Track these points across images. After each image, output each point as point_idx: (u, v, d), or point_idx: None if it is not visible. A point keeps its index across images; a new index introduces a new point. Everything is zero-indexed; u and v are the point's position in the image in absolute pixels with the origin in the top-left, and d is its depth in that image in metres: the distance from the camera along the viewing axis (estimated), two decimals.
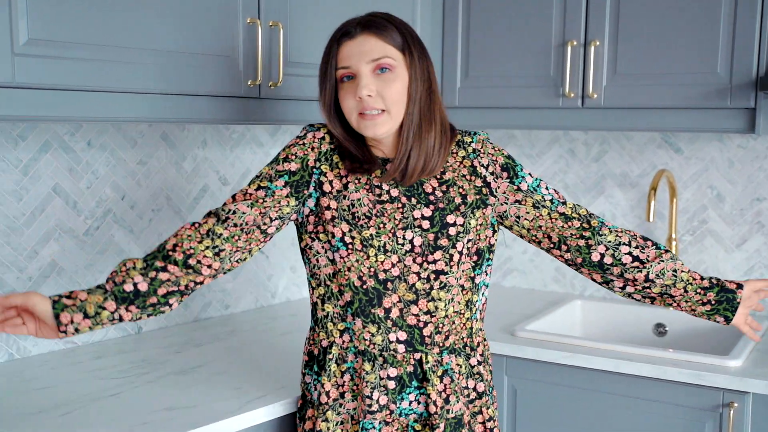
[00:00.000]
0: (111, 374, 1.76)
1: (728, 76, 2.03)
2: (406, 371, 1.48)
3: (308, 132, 1.50)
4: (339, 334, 1.50)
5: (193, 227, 1.42)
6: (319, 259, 1.49)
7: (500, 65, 2.34)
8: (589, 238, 1.52)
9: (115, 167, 2.00)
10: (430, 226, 1.46)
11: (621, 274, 1.53)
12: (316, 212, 1.47)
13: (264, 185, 1.45)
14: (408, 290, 1.46)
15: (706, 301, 1.53)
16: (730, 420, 1.81)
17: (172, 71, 1.64)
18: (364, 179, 1.46)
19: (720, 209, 2.40)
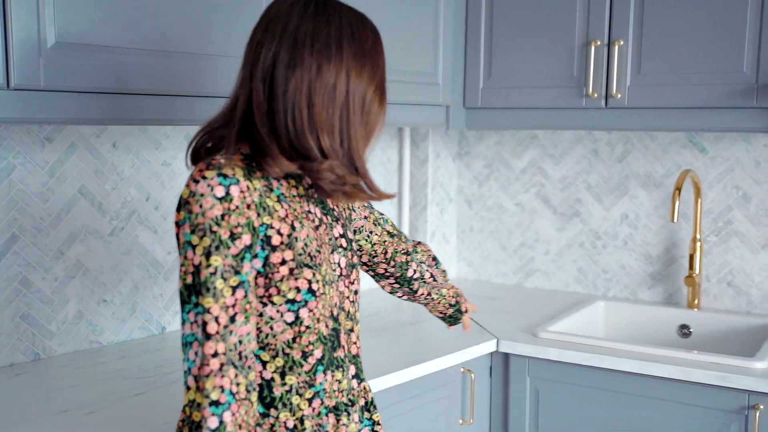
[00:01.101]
0: (135, 374, 1.78)
1: (754, 76, 2.00)
2: (360, 406, 1.36)
3: (228, 188, 1.14)
4: (308, 404, 1.26)
5: (237, 404, 1.13)
6: (273, 326, 1.22)
7: (523, 66, 2.34)
8: (407, 254, 1.70)
9: (139, 168, 2.02)
10: (347, 245, 1.34)
11: (417, 288, 1.73)
12: (264, 273, 1.19)
13: (235, 283, 1.14)
14: (347, 318, 1.32)
15: (446, 313, 1.84)
16: (756, 422, 1.79)
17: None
18: (298, 208, 1.25)
19: (746, 209, 2.38)
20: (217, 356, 1.11)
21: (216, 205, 1.12)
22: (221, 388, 1.11)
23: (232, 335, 1.13)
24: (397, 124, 2.24)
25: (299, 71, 1.18)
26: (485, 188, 2.83)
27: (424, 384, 1.94)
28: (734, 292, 2.41)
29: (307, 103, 1.19)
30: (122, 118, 1.57)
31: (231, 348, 1.13)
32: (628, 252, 2.57)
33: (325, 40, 1.19)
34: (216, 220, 1.12)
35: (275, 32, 1.20)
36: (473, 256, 2.88)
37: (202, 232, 1.12)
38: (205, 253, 1.12)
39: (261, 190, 1.19)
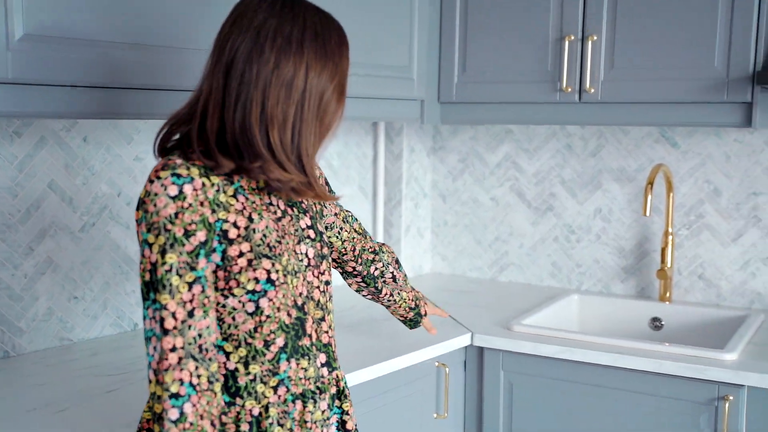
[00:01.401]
0: (107, 371, 1.76)
1: (725, 71, 2.02)
2: (330, 394, 1.37)
3: (181, 187, 1.17)
4: (273, 392, 1.28)
5: (198, 395, 1.17)
6: (235, 317, 1.24)
7: (497, 60, 2.34)
8: (375, 254, 1.77)
9: (111, 163, 2.00)
10: (315, 236, 1.36)
11: (380, 287, 1.79)
12: (224, 266, 1.22)
13: (191, 279, 1.17)
14: (316, 308, 1.35)
15: (407, 316, 1.90)
16: (726, 413, 1.81)
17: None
18: (257, 200, 1.27)
19: (717, 203, 2.40)
20: (175, 350, 1.15)
21: (169, 204, 1.16)
22: (180, 381, 1.15)
23: (191, 329, 1.17)
24: (372, 119, 2.24)
25: (257, 65, 1.21)
26: (460, 183, 2.83)
27: (399, 378, 1.94)
28: (705, 285, 2.44)
29: (261, 96, 1.21)
30: (93, 112, 1.54)
31: (191, 342, 1.17)
32: (602, 246, 2.59)
33: (288, 36, 1.22)
34: (170, 218, 1.16)
35: (241, 26, 1.23)
36: (448, 250, 2.89)
37: (157, 231, 1.16)
38: (160, 251, 1.16)
39: (219, 185, 1.22)
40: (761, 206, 2.34)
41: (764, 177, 2.33)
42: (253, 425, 1.27)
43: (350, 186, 2.71)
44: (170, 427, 1.14)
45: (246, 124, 1.21)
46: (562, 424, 2.04)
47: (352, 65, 2.09)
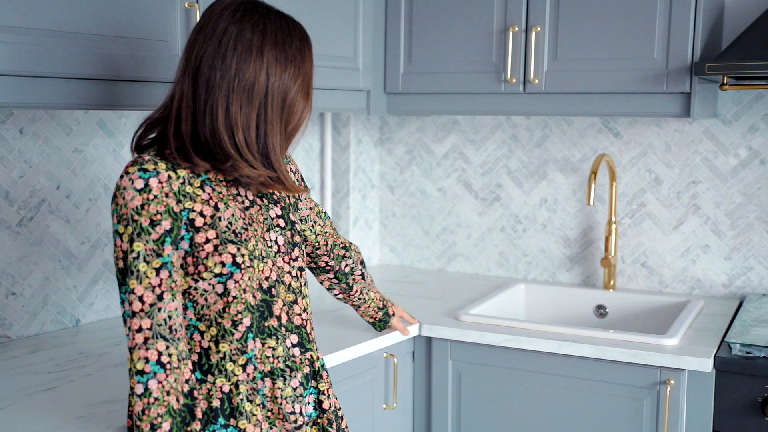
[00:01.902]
0: (47, 368, 1.72)
1: (664, 62, 2.06)
2: (303, 374, 1.45)
3: (147, 180, 1.28)
4: (242, 370, 1.38)
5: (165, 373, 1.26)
6: (207, 298, 1.35)
7: (443, 51, 2.35)
8: (346, 250, 1.84)
9: (49, 156, 1.95)
10: (285, 224, 1.46)
11: (351, 284, 1.87)
12: (191, 252, 1.32)
13: (158, 265, 1.27)
14: (288, 291, 1.44)
15: (376, 317, 1.97)
16: (667, 396, 1.85)
17: (102, 56, 1.60)
18: (224, 191, 1.37)
19: (658, 192, 2.45)
20: (141, 331, 1.26)
21: (136, 196, 1.27)
22: (145, 359, 1.26)
23: (161, 311, 1.28)
24: (318, 110, 2.22)
25: (220, 71, 1.31)
26: (407, 174, 2.84)
27: (348, 369, 1.94)
28: (648, 273, 2.49)
29: (225, 101, 1.31)
30: (34, 103, 1.50)
31: (161, 323, 1.27)
32: (548, 235, 2.62)
33: (248, 43, 1.32)
34: (136, 209, 1.27)
35: (206, 33, 1.33)
36: (396, 241, 2.89)
37: (126, 221, 1.27)
38: (129, 239, 1.27)
39: (185, 178, 1.32)
40: (700, 195, 2.40)
41: (703, 166, 2.38)
42: (224, 401, 1.36)
43: None
44: (136, 400, 1.25)
45: (214, 127, 1.32)
46: (510, 412, 2.06)
47: None
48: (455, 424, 2.13)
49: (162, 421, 1.25)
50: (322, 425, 1.49)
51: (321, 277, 1.85)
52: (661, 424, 1.88)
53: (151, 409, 1.25)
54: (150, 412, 1.25)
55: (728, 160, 2.35)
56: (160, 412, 1.25)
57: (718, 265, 2.40)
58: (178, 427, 1.28)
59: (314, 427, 1.49)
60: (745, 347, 1.86)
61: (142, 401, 1.25)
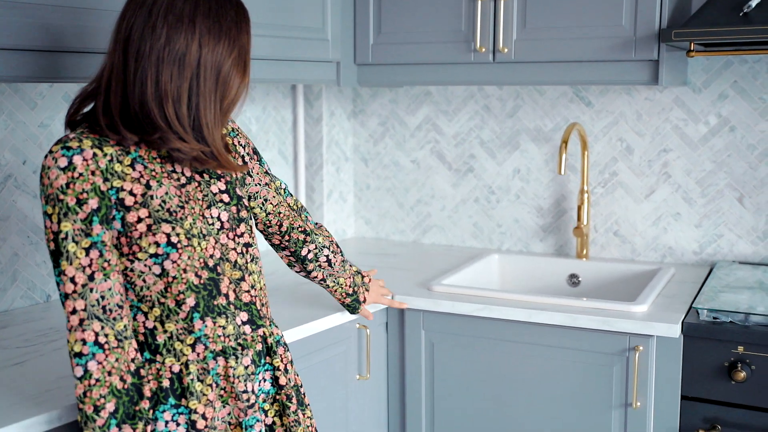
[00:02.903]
0: (16, 343, 1.71)
1: (632, 29, 2.06)
2: (255, 351, 1.43)
3: (71, 158, 1.24)
4: (191, 349, 1.35)
5: (104, 353, 1.24)
6: (145, 279, 1.32)
7: (412, 21, 2.33)
8: (307, 234, 1.73)
9: (13, 130, 1.92)
10: (230, 199, 1.42)
11: (311, 269, 1.77)
12: (124, 232, 1.29)
13: (87, 245, 1.24)
14: (233, 268, 1.40)
15: (344, 302, 1.90)
16: (636, 362, 1.87)
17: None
18: (158, 168, 1.33)
19: (629, 161, 2.46)
20: (75, 313, 1.24)
21: (60, 175, 1.24)
22: (83, 341, 1.24)
23: (93, 292, 1.25)
24: (287, 81, 2.20)
25: (149, 41, 1.26)
26: (381, 146, 2.83)
27: (320, 340, 1.94)
28: (620, 241, 2.50)
29: (155, 72, 1.27)
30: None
31: (93, 303, 1.25)
32: (521, 205, 2.63)
33: (179, 12, 1.27)
34: (62, 188, 1.24)
35: (137, 4, 1.29)
36: (371, 214, 2.89)
37: (53, 202, 1.25)
38: (57, 220, 1.25)
39: (113, 155, 1.28)
40: (671, 163, 2.41)
41: (674, 134, 2.39)
42: (174, 381, 1.34)
43: (270, 151, 2.67)
44: (77, 383, 1.24)
45: (144, 99, 1.27)
46: (482, 381, 2.08)
47: (265, 26, 2.06)
48: (429, 394, 2.15)
49: (105, 402, 1.23)
50: (281, 401, 1.47)
51: (279, 254, 1.77)
52: (631, 390, 1.90)
53: (93, 391, 1.23)
54: (92, 393, 1.23)
55: (698, 127, 2.36)
56: (103, 393, 1.23)
57: (689, 233, 2.42)
58: (125, 406, 1.26)
59: (274, 404, 1.48)
60: (713, 312, 1.88)
61: (83, 383, 1.23)
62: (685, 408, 1.89)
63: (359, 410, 2.10)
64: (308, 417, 1.53)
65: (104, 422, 1.23)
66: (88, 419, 1.23)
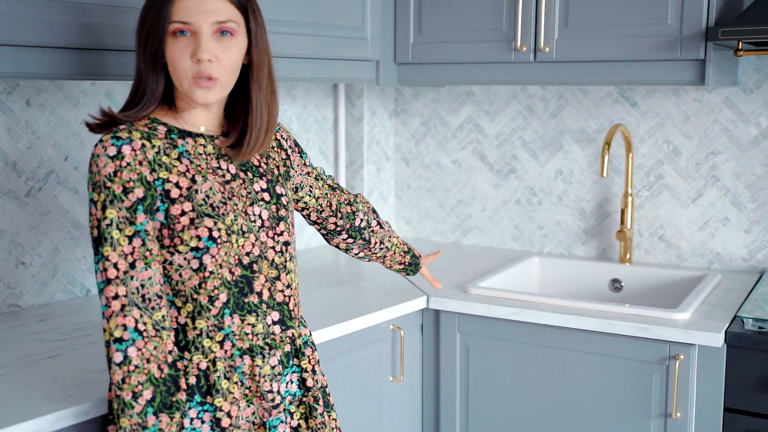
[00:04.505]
0: (52, 336, 1.74)
1: (678, 28, 2.00)
2: (284, 352, 1.43)
3: (119, 148, 1.27)
4: (219, 346, 1.36)
5: (143, 340, 1.25)
6: (182, 274, 1.33)
7: (453, 20, 2.30)
8: (351, 205, 1.77)
9: (56, 127, 1.96)
10: (270, 198, 1.43)
11: (369, 237, 1.81)
12: (167, 224, 1.31)
13: (131, 233, 1.26)
14: (270, 267, 1.41)
15: (405, 261, 1.95)
16: (676, 371, 1.82)
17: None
18: (204, 164, 1.35)
19: (676, 164, 2.39)
20: (117, 298, 1.25)
21: (108, 163, 1.26)
22: (123, 326, 1.24)
23: (134, 280, 1.26)
24: (326, 80, 2.20)
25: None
26: (422, 146, 2.81)
27: (354, 341, 1.93)
28: (665, 246, 2.44)
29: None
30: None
31: (133, 291, 1.26)
32: (563, 208, 2.58)
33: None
34: (109, 176, 1.26)
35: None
36: (411, 214, 2.87)
37: (99, 189, 1.26)
38: (102, 207, 1.26)
39: (161, 148, 1.32)
40: (720, 166, 2.33)
41: (723, 136, 2.31)
42: (201, 378, 1.35)
43: (310, 149, 2.67)
44: (115, 369, 1.24)
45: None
46: (518, 385, 2.04)
47: (305, 25, 2.06)
48: (463, 397, 2.12)
49: (143, 389, 1.24)
50: (308, 403, 1.47)
51: (335, 240, 1.79)
52: (671, 400, 1.85)
53: (131, 377, 1.23)
54: (131, 380, 1.23)
55: (749, 129, 2.28)
56: (141, 380, 1.24)
57: (738, 239, 2.34)
58: (162, 395, 1.26)
59: (300, 407, 1.47)
60: (758, 322, 1.81)
61: (121, 369, 1.23)
62: (728, 420, 1.82)
63: (393, 412, 2.09)
64: (333, 419, 1.52)
65: (141, 409, 1.24)
66: (126, 406, 1.23)
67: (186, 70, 1.30)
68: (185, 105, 1.38)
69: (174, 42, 1.30)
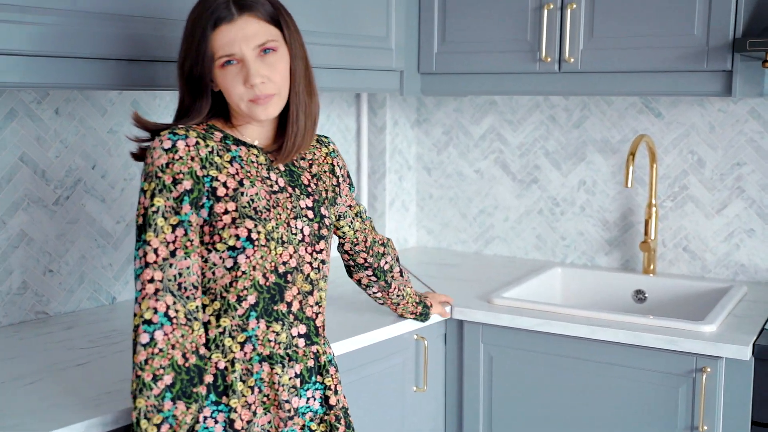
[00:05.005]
0: (80, 344, 1.75)
1: (705, 38, 1.99)
2: (306, 366, 1.44)
3: (175, 142, 1.32)
4: (240, 348, 1.38)
5: (172, 326, 1.27)
6: (215, 272, 1.36)
7: (477, 30, 2.31)
8: (384, 246, 1.80)
9: (84, 136, 1.98)
10: (314, 216, 1.47)
11: (390, 281, 1.83)
12: (209, 221, 1.35)
13: (175, 222, 1.30)
14: (305, 281, 1.44)
15: (416, 311, 1.96)
16: (703, 384, 1.80)
17: (133, 36, 1.61)
18: (254, 171, 1.40)
19: (701, 174, 2.38)
20: (153, 282, 1.28)
21: (162, 155, 1.32)
22: (154, 310, 1.27)
23: (172, 267, 1.29)
24: (350, 90, 2.21)
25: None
26: (444, 155, 2.81)
27: (378, 351, 1.93)
28: (690, 257, 2.42)
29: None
30: (67, 83, 1.53)
31: (170, 278, 1.29)
32: (586, 218, 2.57)
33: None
34: (161, 167, 1.31)
35: None
36: (433, 223, 2.87)
37: (151, 178, 1.31)
38: (150, 195, 1.31)
39: (215, 148, 1.37)
40: (745, 177, 2.32)
41: (748, 147, 2.30)
42: (218, 377, 1.37)
43: None
44: (140, 350, 1.26)
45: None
46: (542, 397, 2.03)
47: (330, 35, 2.07)
48: (487, 408, 2.11)
49: (164, 374, 1.26)
50: (330, 422, 1.47)
51: (359, 274, 1.81)
52: (697, 413, 1.83)
53: (154, 360, 1.25)
54: (153, 362, 1.25)
55: None
56: (163, 364, 1.26)
57: (764, 250, 2.32)
58: (182, 383, 1.27)
59: (321, 425, 1.47)
60: None
61: (146, 351, 1.25)
62: None
63: (415, 422, 2.08)
64: None
65: (159, 392, 1.25)
66: (144, 386, 1.25)
67: (241, 95, 1.37)
68: (241, 120, 1.44)
69: (224, 73, 1.37)
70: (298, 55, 1.42)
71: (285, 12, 1.42)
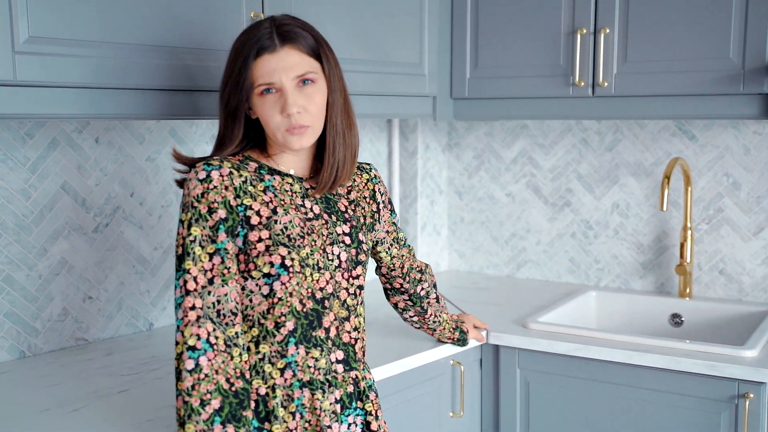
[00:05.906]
0: (120, 371, 1.77)
1: (741, 62, 1.99)
2: (346, 392, 1.45)
3: (209, 172, 1.36)
4: (280, 374, 1.39)
5: (213, 352, 1.29)
6: (252, 299, 1.39)
7: (509, 55, 2.32)
8: (422, 273, 1.79)
9: (123, 164, 2.01)
10: (351, 242, 1.48)
11: (426, 307, 1.83)
12: (244, 249, 1.37)
13: (212, 250, 1.33)
14: (341, 307, 1.45)
15: (453, 337, 1.95)
16: (746, 411, 1.78)
17: (178, 67, 1.64)
18: (288, 200, 1.42)
19: (736, 197, 2.36)
20: (194, 309, 1.31)
21: (198, 185, 1.35)
22: (197, 336, 1.29)
23: (210, 295, 1.32)
24: (384, 116, 2.22)
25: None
26: (475, 179, 2.81)
27: (414, 377, 1.93)
28: (726, 281, 2.40)
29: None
30: (115, 114, 1.56)
31: (209, 306, 1.31)
32: (620, 241, 2.56)
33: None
34: (197, 197, 1.35)
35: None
36: (464, 247, 2.87)
37: (187, 208, 1.35)
38: (188, 225, 1.34)
39: (248, 178, 1.40)
40: None
41: None
42: (260, 403, 1.38)
43: None
44: (186, 376, 1.27)
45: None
46: (579, 422, 2.01)
47: (363, 62, 2.09)
48: None
49: (212, 398, 1.27)
50: None
51: (396, 298, 1.81)
52: None
53: (201, 385, 1.27)
54: (200, 387, 1.27)
55: None
56: (210, 389, 1.27)
57: None
58: (231, 406, 1.28)
59: None
60: None
61: (192, 376, 1.27)
62: None
63: None
64: None
65: (208, 417, 1.26)
66: (193, 412, 1.26)
67: (278, 124, 1.39)
68: (276, 149, 1.46)
69: (262, 101, 1.40)
70: (336, 88, 1.44)
71: (326, 46, 1.45)
